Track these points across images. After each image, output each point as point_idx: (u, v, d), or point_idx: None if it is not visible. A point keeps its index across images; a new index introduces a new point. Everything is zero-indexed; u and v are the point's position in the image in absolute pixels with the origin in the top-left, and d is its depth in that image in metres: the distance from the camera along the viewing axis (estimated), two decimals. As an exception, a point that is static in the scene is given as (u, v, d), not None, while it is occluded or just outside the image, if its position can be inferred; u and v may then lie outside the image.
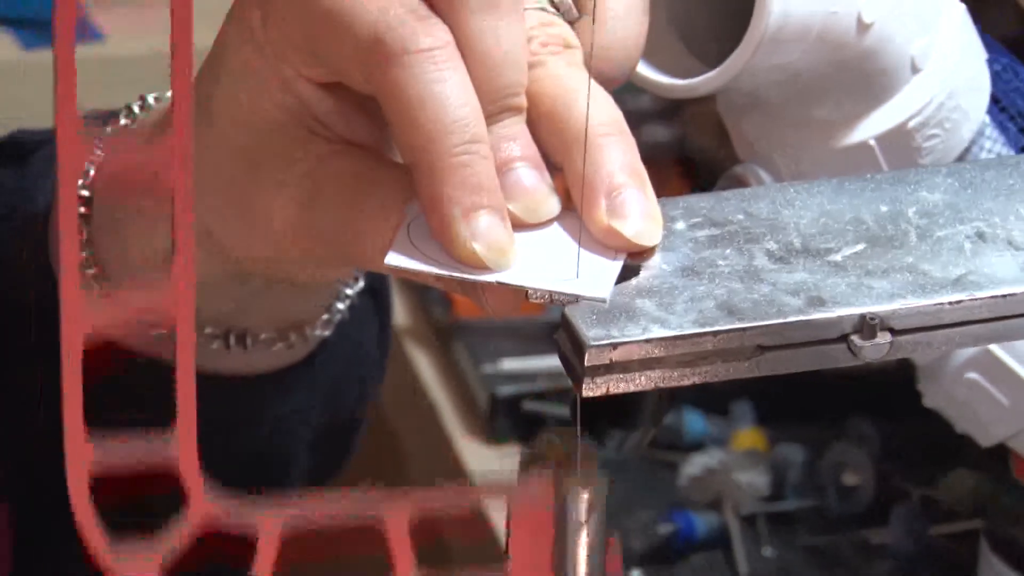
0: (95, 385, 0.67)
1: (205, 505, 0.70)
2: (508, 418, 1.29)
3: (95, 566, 0.67)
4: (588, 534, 0.77)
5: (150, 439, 0.67)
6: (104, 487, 0.68)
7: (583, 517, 0.76)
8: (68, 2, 0.60)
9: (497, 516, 0.78)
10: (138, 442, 0.67)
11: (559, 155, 0.79)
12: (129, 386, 0.77)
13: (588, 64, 0.81)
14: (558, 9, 0.82)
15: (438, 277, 0.79)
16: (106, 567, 0.67)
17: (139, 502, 0.74)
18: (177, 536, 0.69)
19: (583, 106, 0.78)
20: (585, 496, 0.76)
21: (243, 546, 0.70)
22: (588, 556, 0.77)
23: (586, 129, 0.77)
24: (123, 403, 0.72)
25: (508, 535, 0.74)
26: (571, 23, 0.82)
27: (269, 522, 0.71)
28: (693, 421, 1.30)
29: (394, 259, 0.79)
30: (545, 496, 0.73)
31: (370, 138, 0.84)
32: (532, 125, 0.80)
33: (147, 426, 0.67)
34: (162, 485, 0.68)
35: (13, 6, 1.57)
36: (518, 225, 0.78)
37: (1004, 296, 0.78)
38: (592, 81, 0.80)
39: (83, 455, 0.67)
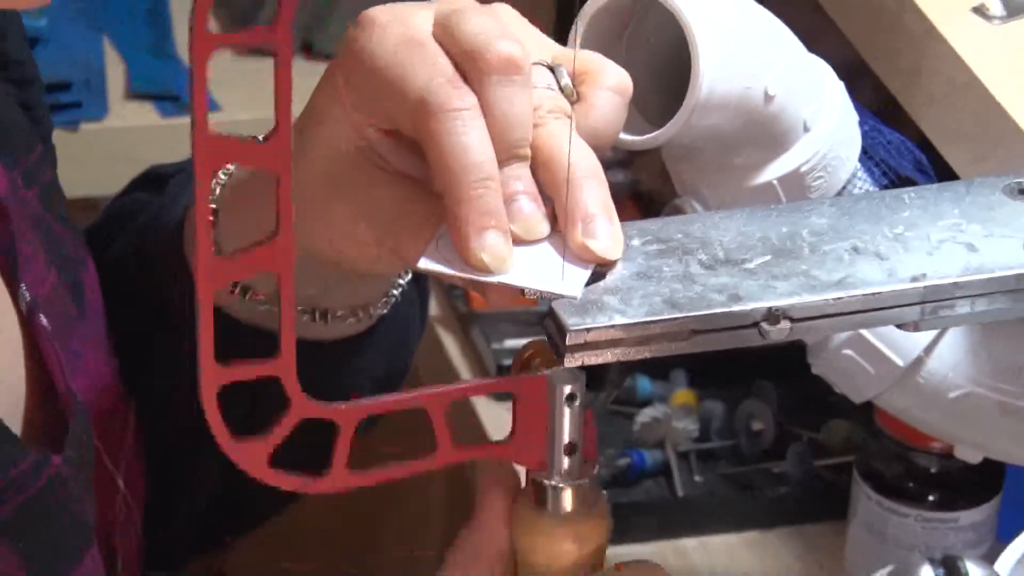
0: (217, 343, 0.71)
1: (303, 403, 0.74)
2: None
3: (223, 456, 0.72)
4: (571, 411, 0.79)
5: (263, 361, 0.72)
6: (227, 401, 0.72)
7: (566, 399, 0.78)
8: (201, 88, 0.66)
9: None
10: (255, 363, 0.72)
11: (551, 191, 0.81)
12: (239, 343, 0.75)
13: (579, 130, 0.82)
14: (563, 91, 0.83)
15: (457, 278, 0.81)
16: (230, 452, 0.72)
17: (251, 410, 0.74)
18: (283, 427, 0.74)
19: (569, 156, 0.80)
20: (568, 387, 0.78)
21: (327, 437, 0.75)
22: (570, 423, 0.79)
23: (568, 174, 0.80)
24: (224, 352, 0.72)
25: (514, 414, 0.79)
26: (571, 102, 0.83)
27: (347, 413, 0.76)
28: (643, 384, 1.32)
29: (424, 263, 0.80)
30: (541, 386, 0.79)
31: (415, 172, 0.84)
32: (533, 169, 0.81)
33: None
34: (269, 396, 0.73)
35: (154, 84, 1.59)
36: (518, 241, 0.80)
37: (873, 294, 0.80)
38: (580, 140, 0.81)
39: (213, 375, 0.71)
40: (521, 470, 0.82)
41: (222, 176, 0.94)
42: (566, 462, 0.80)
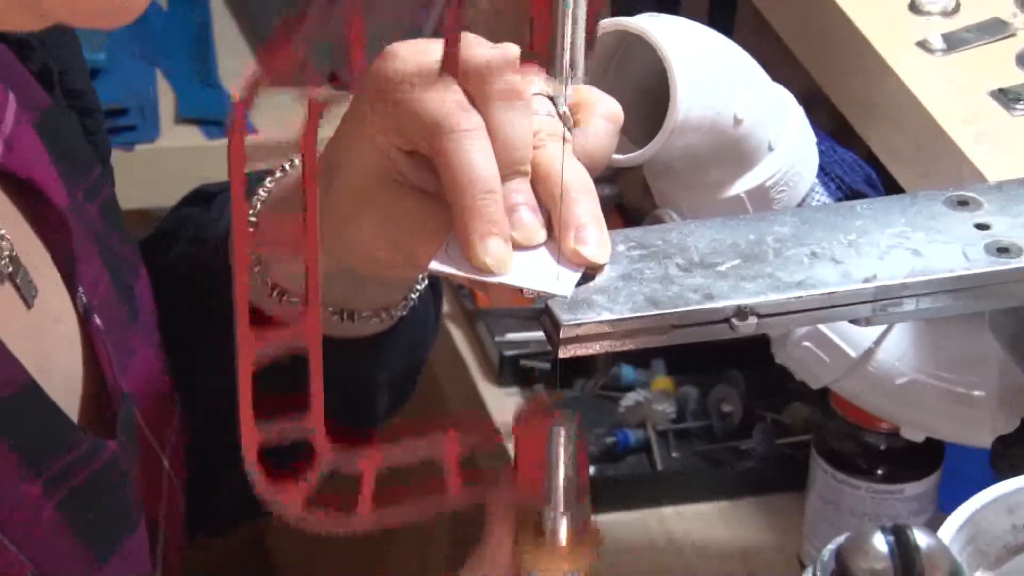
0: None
1: (324, 452, 0.73)
2: (511, 371, 1.31)
3: (262, 497, 0.72)
4: (566, 453, 0.78)
5: (294, 419, 0.71)
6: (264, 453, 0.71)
7: (563, 442, 0.77)
8: (240, 118, 0.68)
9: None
10: (286, 424, 0.71)
11: (548, 203, 0.80)
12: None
13: (575, 151, 0.82)
14: (560, 118, 0.82)
15: (464, 278, 0.80)
16: (268, 496, 0.72)
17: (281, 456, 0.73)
18: (313, 475, 0.73)
19: (564, 173, 0.80)
20: (564, 431, 0.77)
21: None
22: (565, 465, 0.78)
23: (562, 189, 0.79)
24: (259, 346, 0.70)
25: (516, 456, 0.78)
26: (568, 128, 0.82)
27: (368, 462, 0.75)
28: (627, 372, 1.31)
29: (435, 265, 0.80)
30: (540, 430, 0.77)
31: (429, 186, 0.83)
32: (533, 184, 0.81)
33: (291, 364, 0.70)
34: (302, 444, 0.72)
35: (199, 110, 1.59)
36: (518, 246, 0.79)
37: (829, 293, 0.80)
38: (573, 159, 0.81)
39: (253, 437, 0.71)
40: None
41: (262, 193, 0.94)
42: (561, 500, 0.79)
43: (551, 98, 0.84)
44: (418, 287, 0.97)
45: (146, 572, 0.89)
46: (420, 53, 0.82)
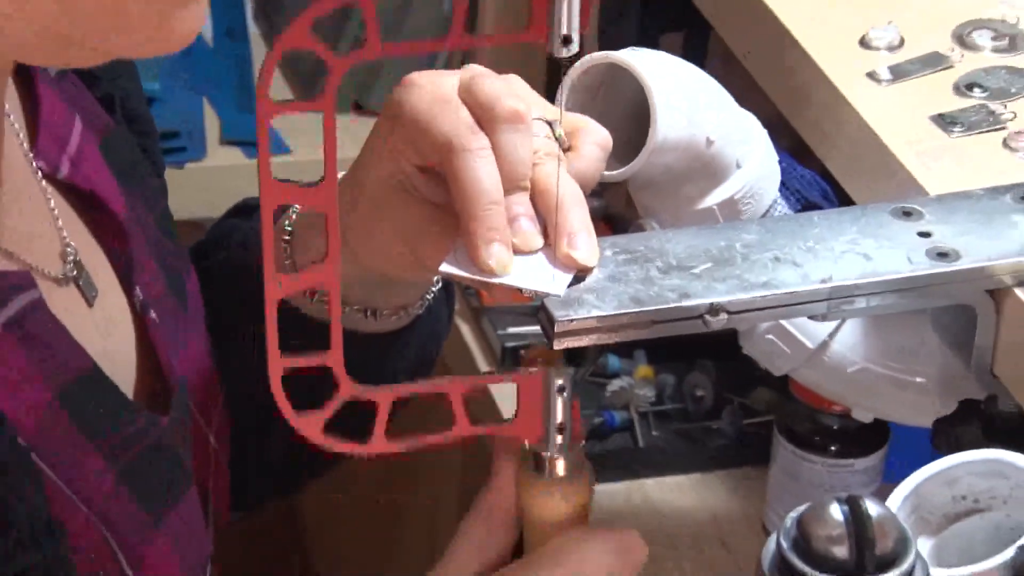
0: (286, 330, 0.71)
1: (348, 387, 0.74)
2: (512, 360, 1.30)
3: (289, 426, 0.73)
4: (562, 400, 0.79)
5: (319, 353, 0.72)
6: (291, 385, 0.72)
7: (558, 390, 0.78)
8: (264, 144, 0.69)
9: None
10: (312, 354, 0.72)
11: (545, 214, 0.80)
12: (303, 330, 0.76)
13: (571, 168, 0.82)
14: (557, 140, 0.82)
15: (470, 279, 0.80)
16: (294, 423, 0.73)
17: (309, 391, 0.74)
18: (333, 403, 0.74)
19: (559, 188, 0.80)
20: (560, 380, 0.78)
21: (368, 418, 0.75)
22: (561, 409, 0.79)
23: (557, 201, 0.80)
24: (301, 341, 0.73)
25: (518, 401, 0.79)
26: (563, 149, 0.83)
27: (383, 394, 0.76)
28: (613, 361, 1.31)
29: (444, 267, 0.80)
30: (538, 381, 0.79)
31: (440, 198, 0.83)
32: (532, 197, 0.81)
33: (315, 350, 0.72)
34: (324, 380, 0.73)
35: (240, 133, 1.59)
36: (518, 251, 0.79)
37: (790, 292, 0.80)
38: (567, 176, 0.81)
39: (278, 363, 0.72)
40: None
41: (291, 211, 0.93)
42: (558, 438, 0.79)
43: (549, 123, 0.84)
44: (433, 289, 0.97)
45: (199, 533, 0.89)
46: (434, 81, 0.82)
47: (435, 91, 0.82)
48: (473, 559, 0.81)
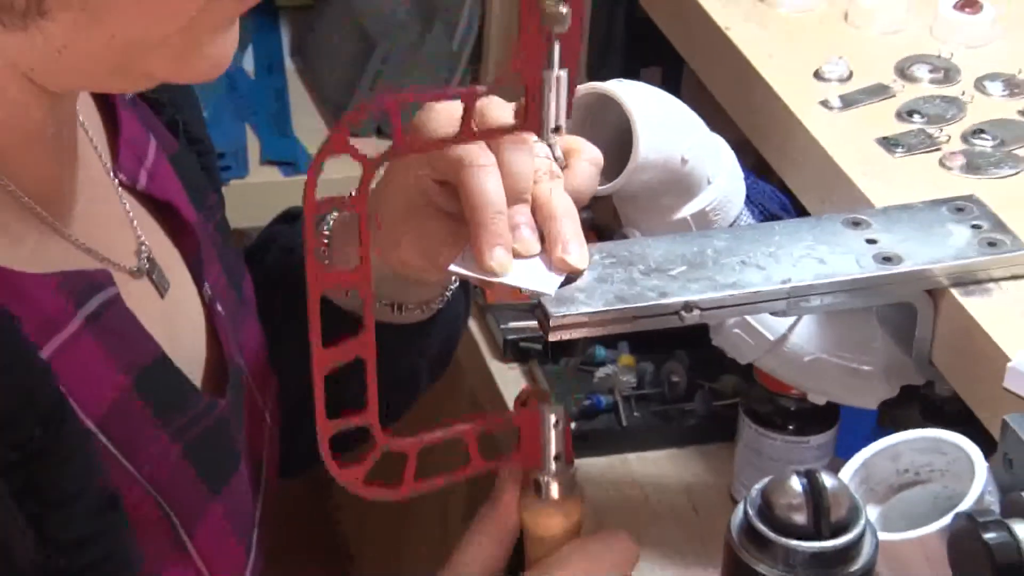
0: (326, 324, 0.71)
1: (383, 439, 0.73)
2: (512, 350, 1.29)
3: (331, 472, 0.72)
4: (556, 432, 0.78)
5: (357, 412, 0.72)
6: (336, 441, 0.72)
7: (553, 424, 0.78)
8: (314, 174, 0.68)
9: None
10: (351, 415, 0.72)
11: (542, 223, 0.80)
12: (336, 321, 0.75)
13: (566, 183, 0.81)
14: (555, 160, 0.81)
15: (476, 279, 0.80)
16: (336, 475, 0.73)
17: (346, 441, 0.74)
18: (370, 457, 0.74)
19: (555, 201, 0.80)
20: (553, 416, 0.78)
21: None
22: (556, 440, 0.78)
23: (554, 213, 0.79)
24: (333, 330, 0.72)
25: (519, 436, 0.78)
26: (561, 168, 0.82)
27: (411, 445, 0.75)
28: (600, 351, 1.28)
29: (454, 267, 0.80)
30: (536, 416, 0.78)
31: (454, 208, 0.81)
32: (532, 209, 0.80)
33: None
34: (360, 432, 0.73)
35: (278, 155, 1.58)
36: (518, 255, 0.79)
37: (754, 292, 0.81)
38: (562, 191, 0.81)
39: (326, 432, 0.72)
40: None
41: (334, 211, 0.93)
42: (553, 466, 0.79)
43: (548, 144, 0.83)
44: (451, 287, 0.96)
45: (247, 503, 0.88)
46: (447, 108, 0.82)
47: (448, 116, 0.81)
48: (476, 565, 0.80)
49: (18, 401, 0.69)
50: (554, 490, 0.79)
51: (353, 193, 0.91)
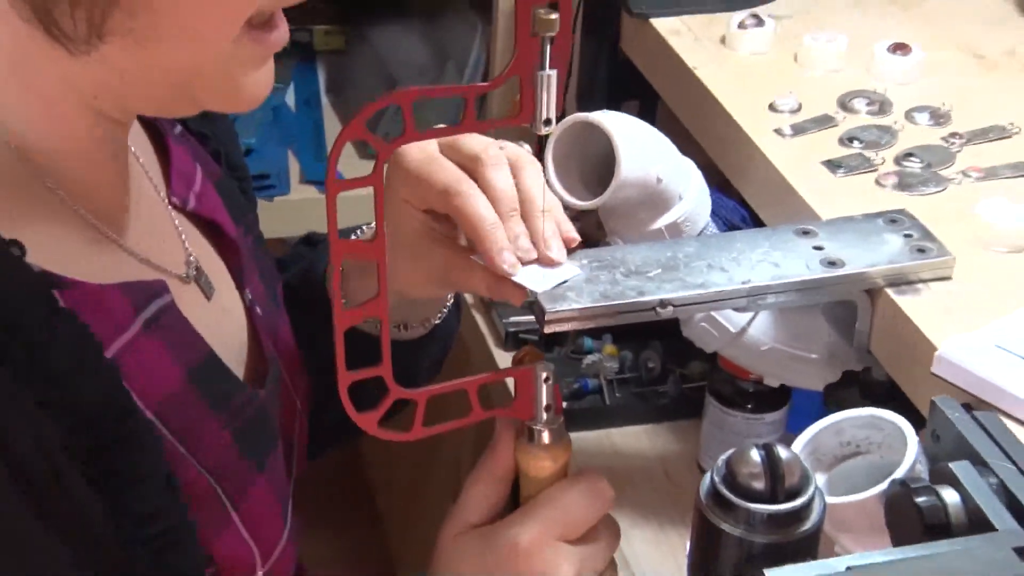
0: (349, 340, 0.70)
1: (396, 391, 0.73)
2: (513, 340, 1.28)
3: (352, 421, 0.71)
4: (547, 387, 0.77)
5: (375, 367, 0.70)
6: (356, 390, 0.71)
7: (544, 380, 0.77)
8: (333, 188, 0.66)
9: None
10: (368, 369, 0.71)
11: (529, 226, 0.78)
12: (367, 345, 0.74)
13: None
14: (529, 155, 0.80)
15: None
16: (355, 419, 0.71)
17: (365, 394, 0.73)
18: (384, 403, 0.73)
19: (540, 197, 0.78)
20: (544, 372, 0.77)
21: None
22: (546, 394, 0.77)
23: (543, 225, 0.78)
24: (357, 350, 0.71)
25: (515, 390, 0.77)
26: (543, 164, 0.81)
27: (420, 395, 0.74)
28: (587, 342, 1.28)
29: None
30: (530, 372, 0.77)
31: (448, 231, 0.81)
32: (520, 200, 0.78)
33: (369, 358, 0.70)
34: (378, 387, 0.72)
35: (315, 175, 1.57)
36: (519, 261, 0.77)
37: (719, 291, 0.79)
38: (542, 181, 0.79)
39: (346, 376, 0.70)
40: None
41: (354, 236, 0.92)
42: (544, 416, 0.78)
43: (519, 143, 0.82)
44: (447, 304, 0.95)
45: (283, 479, 0.87)
46: (422, 147, 0.80)
47: (423, 155, 0.79)
48: (480, 500, 0.79)
49: (89, 396, 0.68)
50: (545, 436, 0.78)
51: (365, 229, 0.92)
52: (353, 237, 0.93)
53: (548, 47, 0.67)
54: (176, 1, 0.66)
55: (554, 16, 0.66)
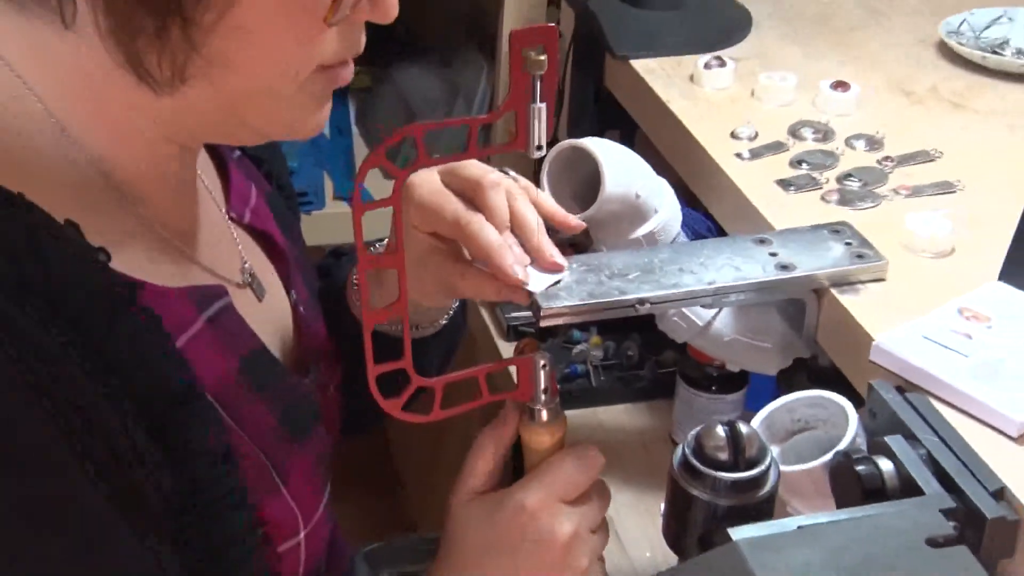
0: (376, 342, 0.69)
1: (416, 380, 0.72)
2: (514, 332, 1.27)
3: (379, 406, 0.70)
4: (544, 372, 0.76)
5: (397, 361, 0.70)
6: (382, 381, 0.70)
7: (542, 367, 0.76)
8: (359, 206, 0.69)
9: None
10: (393, 362, 0.70)
11: (521, 235, 0.78)
12: (388, 343, 0.74)
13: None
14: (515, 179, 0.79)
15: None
16: (382, 405, 0.71)
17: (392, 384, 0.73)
18: (406, 391, 0.72)
19: (529, 216, 0.77)
20: (542, 360, 0.76)
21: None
22: (544, 378, 0.76)
23: (532, 226, 0.77)
24: (382, 349, 0.71)
25: (518, 376, 0.77)
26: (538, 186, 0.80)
27: (438, 382, 0.74)
28: (576, 333, 1.27)
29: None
30: (530, 360, 0.77)
31: (454, 247, 0.80)
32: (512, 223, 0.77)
33: (383, 352, 0.69)
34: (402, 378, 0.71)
35: (346, 192, 1.55)
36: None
37: (689, 290, 0.79)
38: (530, 205, 0.78)
39: (373, 369, 0.70)
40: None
41: (373, 248, 0.91)
42: (543, 397, 0.77)
43: (504, 170, 0.81)
44: (453, 307, 0.94)
45: (323, 453, 0.86)
46: (429, 179, 0.79)
47: (431, 186, 0.78)
48: (484, 464, 0.79)
49: (161, 380, 0.68)
50: (544, 415, 0.77)
51: (377, 247, 0.91)
52: (370, 251, 0.91)
53: (539, 84, 0.67)
54: (250, 55, 0.66)
55: (543, 57, 0.66)
